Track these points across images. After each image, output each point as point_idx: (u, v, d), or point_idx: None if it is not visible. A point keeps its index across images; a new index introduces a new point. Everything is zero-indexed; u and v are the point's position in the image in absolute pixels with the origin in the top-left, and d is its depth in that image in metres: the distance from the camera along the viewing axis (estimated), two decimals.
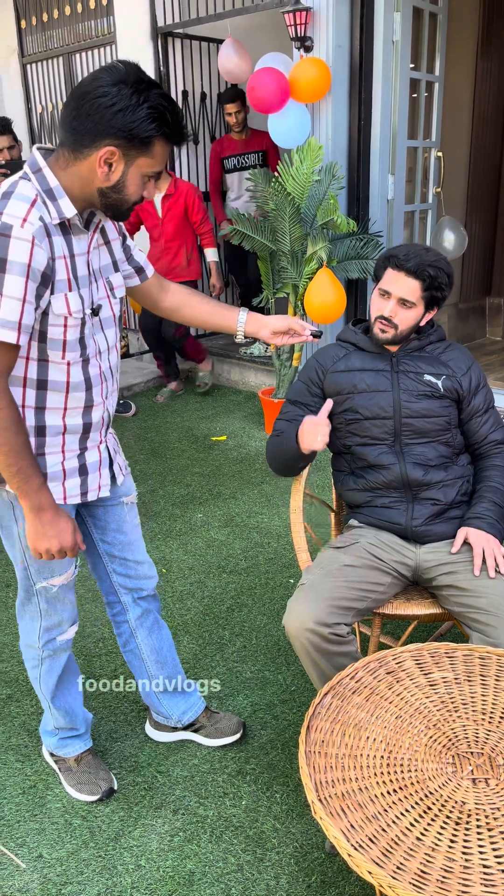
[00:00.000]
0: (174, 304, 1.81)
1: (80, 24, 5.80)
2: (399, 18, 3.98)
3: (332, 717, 1.43)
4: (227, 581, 2.88)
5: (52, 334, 1.48)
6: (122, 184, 1.43)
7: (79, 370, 1.55)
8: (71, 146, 1.40)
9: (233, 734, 2.05)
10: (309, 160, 3.75)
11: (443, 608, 1.86)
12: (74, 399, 1.57)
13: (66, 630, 1.81)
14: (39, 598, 1.74)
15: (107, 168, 1.40)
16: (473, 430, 1.99)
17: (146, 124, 1.36)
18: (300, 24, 3.89)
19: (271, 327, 1.76)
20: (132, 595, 1.90)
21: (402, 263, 1.86)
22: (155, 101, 1.36)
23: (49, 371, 1.51)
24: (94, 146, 1.38)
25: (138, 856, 1.75)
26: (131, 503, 1.85)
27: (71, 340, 1.51)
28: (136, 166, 1.41)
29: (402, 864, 1.14)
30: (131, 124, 1.35)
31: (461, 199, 5.63)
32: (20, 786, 1.96)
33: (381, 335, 1.93)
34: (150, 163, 1.42)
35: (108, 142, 1.37)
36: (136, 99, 1.34)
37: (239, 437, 4.37)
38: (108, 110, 1.33)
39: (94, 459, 1.68)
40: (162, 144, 1.41)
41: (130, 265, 1.70)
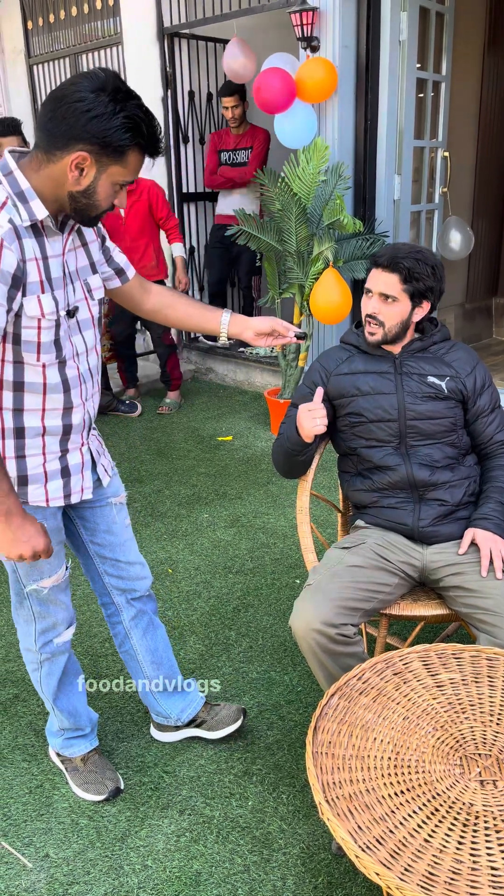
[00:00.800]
0: (157, 306, 1.80)
1: (86, 24, 5.81)
2: (405, 18, 3.97)
3: (339, 718, 1.42)
4: (233, 581, 2.88)
5: (26, 336, 1.47)
6: (92, 189, 1.42)
7: (55, 372, 1.55)
8: (45, 148, 1.40)
9: (233, 722, 2.04)
10: (315, 160, 3.75)
11: (450, 609, 1.85)
12: (52, 401, 1.57)
13: (62, 632, 1.80)
14: (31, 601, 1.74)
15: (77, 172, 1.39)
16: (479, 430, 1.98)
17: (120, 133, 1.36)
18: (306, 24, 3.89)
19: (254, 328, 1.75)
20: (125, 596, 1.90)
21: (377, 260, 1.90)
22: (131, 112, 1.36)
23: (25, 373, 1.51)
24: (66, 150, 1.37)
25: (145, 856, 1.75)
26: (120, 504, 1.84)
27: (45, 342, 1.50)
28: (107, 174, 1.41)
29: (409, 865, 1.14)
30: (105, 132, 1.35)
31: (468, 199, 5.62)
32: (27, 785, 1.96)
33: (370, 337, 1.95)
34: (122, 172, 1.42)
35: (80, 146, 1.37)
36: (113, 107, 1.34)
37: (245, 437, 4.37)
38: (83, 115, 1.34)
39: (76, 461, 1.67)
40: (136, 155, 1.41)
41: (110, 267, 1.70)
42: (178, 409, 4.89)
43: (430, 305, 1.95)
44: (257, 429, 4.48)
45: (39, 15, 6.20)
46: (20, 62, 6.45)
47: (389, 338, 1.93)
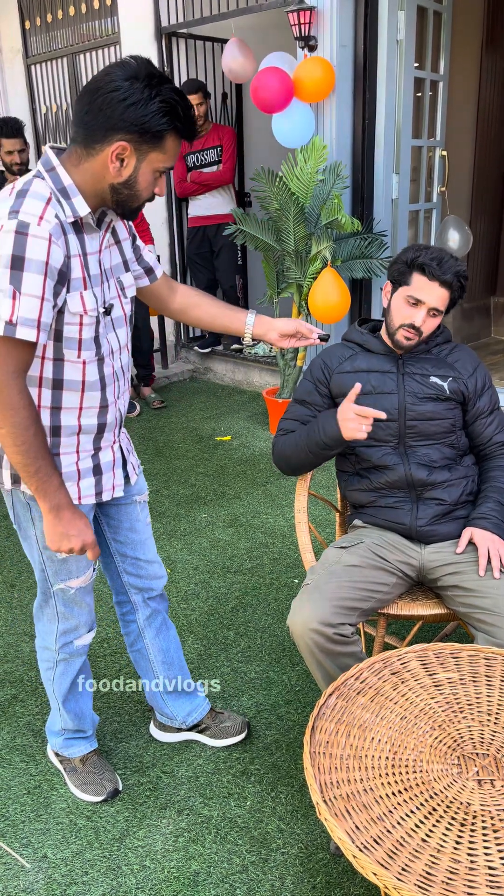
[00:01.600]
0: (183, 305, 1.81)
1: (84, 24, 5.80)
2: (403, 17, 3.97)
3: (336, 718, 1.42)
4: (231, 581, 2.88)
5: (68, 333, 1.48)
6: (133, 179, 1.43)
7: (94, 369, 1.55)
8: (83, 142, 1.40)
9: (237, 734, 2.05)
10: (313, 160, 3.75)
11: (448, 608, 1.85)
12: (90, 399, 1.57)
13: (83, 635, 1.81)
14: (57, 601, 1.74)
15: (118, 163, 1.40)
16: (478, 431, 1.98)
17: (158, 118, 1.36)
18: (304, 23, 3.89)
19: (279, 329, 1.76)
20: (142, 595, 1.90)
21: (439, 274, 1.81)
22: (167, 95, 1.36)
23: (65, 370, 1.51)
24: (105, 141, 1.38)
25: (143, 856, 1.75)
26: (143, 502, 1.85)
27: (86, 339, 1.51)
28: (147, 161, 1.42)
29: (407, 865, 1.14)
30: (143, 118, 1.35)
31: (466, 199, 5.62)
32: (25, 786, 1.96)
33: (405, 342, 1.90)
34: (162, 158, 1.42)
35: (119, 136, 1.37)
36: (149, 93, 1.34)
37: (243, 437, 4.36)
38: (120, 104, 1.34)
39: (108, 459, 1.68)
40: (173, 139, 1.41)
41: (140, 265, 1.70)
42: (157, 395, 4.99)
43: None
44: (256, 428, 4.48)
45: (37, 14, 6.19)
46: (18, 62, 6.44)
47: (420, 343, 1.94)
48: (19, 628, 2.63)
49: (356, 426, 1.77)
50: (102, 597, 2.79)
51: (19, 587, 2.89)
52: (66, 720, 1.90)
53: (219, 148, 4.95)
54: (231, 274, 5.28)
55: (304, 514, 2.07)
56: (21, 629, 2.62)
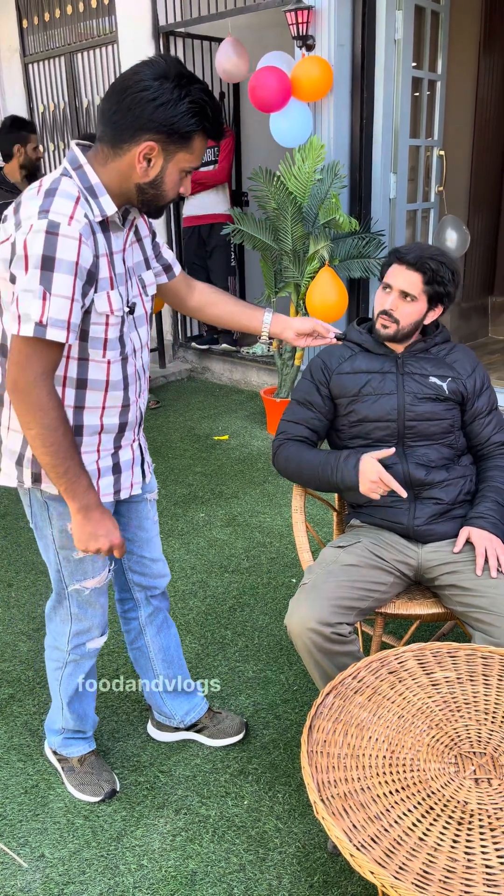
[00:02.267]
0: (201, 303, 1.80)
1: (81, 23, 5.79)
2: (401, 17, 3.97)
3: (334, 717, 1.42)
4: (229, 580, 2.88)
5: (94, 332, 1.47)
6: (160, 179, 1.42)
7: (118, 368, 1.55)
8: (110, 141, 1.39)
9: (235, 734, 2.05)
10: (311, 159, 3.75)
11: (445, 608, 1.86)
12: (112, 398, 1.57)
13: (96, 638, 1.81)
14: (71, 602, 1.74)
15: (146, 163, 1.39)
16: (476, 431, 1.98)
17: (187, 119, 1.35)
18: (302, 22, 3.89)
19: (295, 329, 1.76)
20: (145, 593, 1.90)
21: (403, 256, 1.87)
22: (196, 96, 1.35)
23: (89, 370, 1.51)
24: (133, 141, 1.37)
25: (140, 855, 1.75)
26: (153, 500, 1.85)
27: (112, 339, 1.50)
28: (174, 161, 1.41)
29: (404, 864, 1.14)
30: (173, 118, 1.34)
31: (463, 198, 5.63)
32: (22, 785, 1.96)
33: (382, 331, 1.93)
34: (189, 158, 1.42)
35: (148, 136, 1.36)
36: (178, 93, 1.34)
37: (241, 436, 4.36)
38: (149, 104, 1.33)
39: (127, 458, 1.67)
40: (201, 139, 1.41)
41: (159, 263, 1.70)
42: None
43: (442, 310, 1.95)
44: (253, 428, 4.48)
45: (34, 13, 6.19)
46: (15, 61, 6.43)
47: (400, 336, 1.93)
48: (17, 628, 2.63)
49: (375, 488, 1.80)
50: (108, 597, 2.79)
51: (17, 587, 2.88)
52: (68, 720, 1.90)
53: (215, 148, 4.95)
54: (224, 275, 5.27)
55: (301, 513, 2.07)
56: (18, 629, 2.62)
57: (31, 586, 2.88)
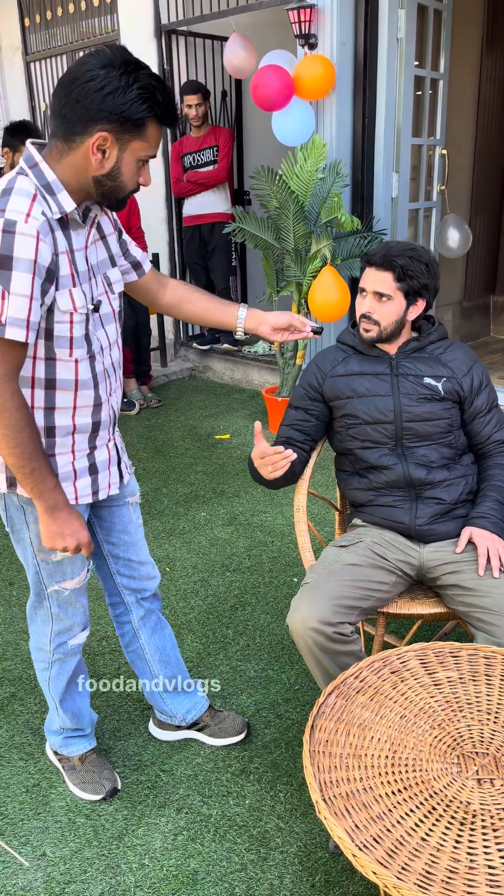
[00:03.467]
0: (174, 300, 1.79)
1: (83, 21, 5.79)
2: (403, 16, 3.96)
3: (336, 717, 1.42)
4: (230, 580, 2.88)
5: (59, 331, 1.47)
6: (116, 170, 1.41)
7: (86, 367, 1.54)
8: (63, 136, 1.38)
9: (237, 734, 2.04)
10: (313, 158, 3.74)
11: (447, 607, 1.85)
12: (83, 397, 1.56)
13: (78, 634, 1.80)
14: (51, 602, 1.73)
15: (100, 155, 1.38)
16: (476, 430, 1.98)
17: (137, 105, 1.34)
18: (304, 21, 3.88)
19: (271, 323, 1.75)
20: (135, 596, 1.90)
21: (370, 258, 1.90)
22: (145, 82, 1.34)
23: (57, 369, 1.50)
24: (86, 133, 1.36)
25: (142, 854, 1.75)
26: (135, 503, 1.84)
27: (77, 337, 1.50)
28: (130, 151, 1.40)
29: (406, 864, 1.14)
30: (122, 106, 1.33)
31: (466, 197, 5.62)
32: (24, 784, 1.96)
33: (365, 335, 1.94)
34: (143, 146, 1.40)
35: (100, 127, 1.35)
36: (126, 80, 1.32)
37: (242, 435, 4.36)
38: (97, 94, 1.32)
39: (103, 458, 1.67)
40: (155, 126, 1.39)
41: (127, 260, 1.68)
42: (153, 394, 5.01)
43: (426, 303, 1.94)
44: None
45: (36, 12, 6.18)
46: (17, 59, 6.43)
47: (385, 336, 1.93)
48: (18, 626, 2.63)
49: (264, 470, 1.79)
50: (101, 595, 2.78)
51: (18, 585, 2.88)
52: (64, 719, 1.89)
53: (215, 148, 4.95)
54: (225, 275, 5.26)
55: (303, 512, 2.07)
56: (20, 627, 2.62)
57: None
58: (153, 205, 5.44)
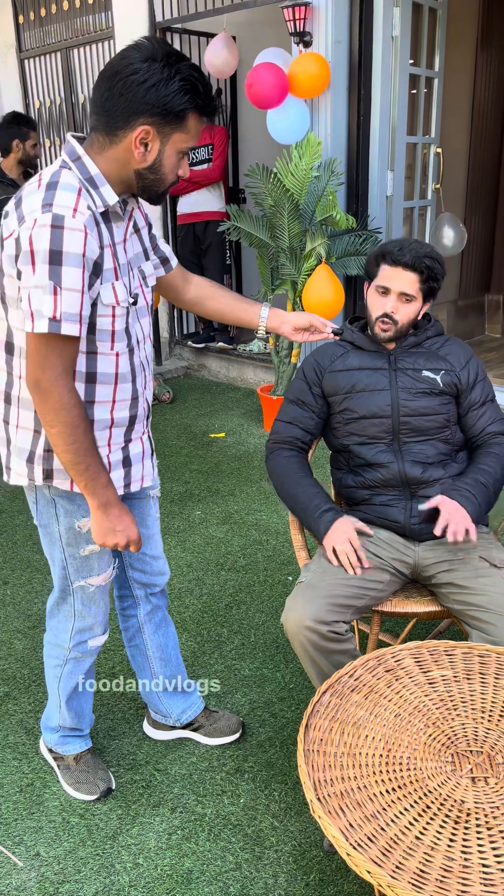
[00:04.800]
0: (197, 297, 1.79)
1: (78, 19, 5.77)
2: (398, 14, 3.96)
3: (330, 716, 1.42)
4: (225, 578, 2.87)
5: (101, 325, 1.46)
6: (158, 163, 1.41)
7: (126, 360, 1.55)
8: (105, 129, 1.38)
9: (232, 734, 2.04)
10: (308, 156, 3.74)
11: (442, 606, 1.85)
12: (122, 391, 1.56)
13: (98, 636, 1.80)
14: (75, 598, 1.73)
15: (143, 148, 1.38)
16: (471, 423, 1.98)
17: (179, 97, 1.34)
18: (299, 19, 3.88)
19: (293, 323, 1.76)
20: (145, 590, 1.90)
21: (399, 258, 1.86)
22: (186, 73, 1.34)
23: (98, 363, 1.50)
24: (128, 126, 1.36)
25: (136, 854, 1.74)
26: (156, 497, 1.85)
27: (118, 330, 1.50)
28: (171, 143, 1.40)
29: (401, 863, 1.14)
30: (165, 98, 1.33)
31: (460, 196, 5.62)
32: (17, 784, 1.95)
33: (382, 334, 1.92)
34: (184, 138, 1.41)
35: (142, 120, 1.35)
36: (168, 72, 1.32)
37: (238, 434, 4.36)
38: (140, 87, 1.32)
39: (137, 451, 1.67)
40: (195, 117, 1.40)
41: (157, 255, 1.69)
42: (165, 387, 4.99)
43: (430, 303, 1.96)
44: (250, 425, 4.47)
45: (31, 9, 6.16)
46: (11, 56, 6.41)
47: (398, 335, 1.93)
48: (12, 625, 2.62)
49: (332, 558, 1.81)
50: None
51: (12, 584, 2.87)
52: (66, 718, 1.89)
53: (210, 146, 4.94)
54: (219, 273, 5.25)
55: None
56: (14, 626, 2.61)
57: (26, 584, 2.87)
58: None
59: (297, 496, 1.93)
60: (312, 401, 2.01)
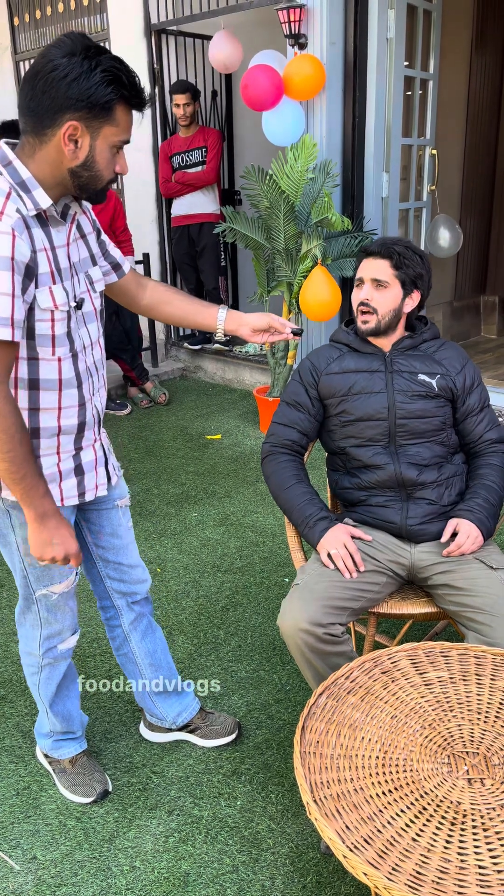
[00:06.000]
0: (153, 302, 1.77)
1: (73, 21, 5.77)
2: (393, 16, 3.97)
3: (327, 718, 1.42)
4: (221, 580, 2.87)
5: (40, 329, 1.45)
6: (91, 159, 1.39)
7: (70, 366, 1.53)
8: (33, 131, 1.37)
9: (228, 735, 2.04)
10: (303, 158, 3.74)
11: (438, 607, 1.85)
12: (68, 397, 1.55)
13: (67, 639, 1.79)
14: (39, 606, 1.72)
15: (73, 145, 1.36)
16: (468, 429, 1.98)
17: (102, 88, 1.32)
18: (294, 20, 3.88)
19: (251, 325, 1.73)
20: (126, 599, 1.89)
21: (368, 249, 1.95)
22: (107, 65, 1.33)
23: (40, 369, 1.49)
24: (55, 124, 1.34)
25: (133, 857, 1.74)
26: (125, 506, 1.83)
27: (59, 335, 1.48)
28: (102, 137, 1.38)
29: (397, 865, 1.14)
30: (88, 91, 1.31)
31: (456, 197, 5.63)
32: (14, 787, 1.95)
33: (363, 326, 1.95)
34: (115, 131, 1.39)
35: (68, 116, 1.33)
36: (88, 65, 1.31)
37: (234, 435, 4.36)
38: (62, 82, 1.31)
39: (89, 458, 1.65)
40: (123, 109, 1.38)
41: (107, 261, 1.67)
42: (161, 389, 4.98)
43: (421, 297, 1.95)
44: (246, 427, 4.47)
45: (26, 11, 6.16)
46: (6, 58, 6.40)
47: (383, 326, 1.93)
48: (8, 628, 2.61)
49: (327, 561, 1.82)
50: (91, 597, 2.77)
51: (8, 587, 2.87)
52: (55, 723, 1.88)
53: (203, 149, 4.94)
54: (214, 275, 5.24)
55: None
56: (10, 629, 2.61)
57: None
58: (143, 205, 5.43)
59: (291, 503, 1.94)
60: (309, 403, 2.01)
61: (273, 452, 2.02)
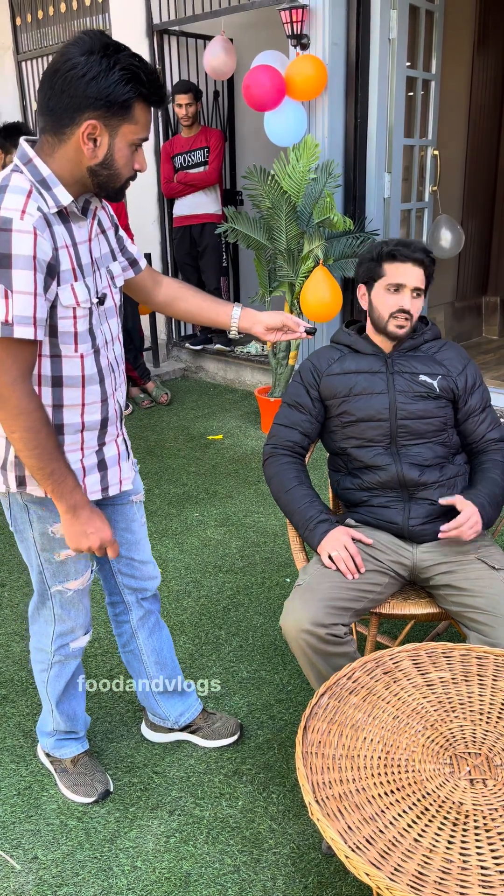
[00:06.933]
0: (168, 298, 1.78)
1: (75, 21, 5.77)
2: (395, 16, 3.97)
3: (329, 718, 1.42)
4: (223, 580, 2.87)
5: (63, 327, 1.46)
6: (110, 158, 1.39)
7: (92, 362, 1.54)
8: (52, 129, 1.37)
9: (230, 736, 2.04)
10: (305, 158, 3.74)
11: (440, 607, 1.85)
12: (91, 393, 1.55)
13: (79, 637, 1.80)
14: (54, 602, 1.72)
15: (92, 144, 1.37)
16: (470, 429, 1.98)
17: (121, 87, 1.32)
18: (296, 21, 3.88)
19: (265, 323, 1.74)
20: (136, 595, 1.89)
21: (410, 254, 1.88)
22: (126, 63, 1.33)
23: (63, 366, 1.50)
24: (74, 123, 1.35)
25: (134, 857, 1.74)
26: (139, 502, 1.84)
27: (81, 332, 1.49)
28: (120, 136, 1.38)
29: (399, 865, 1.13)
30: (106, 90, 1.32)
31: (457, 198, 5.63)
32: (15, 787, 1.95)
33: (399, 331, 1.92)
34: (134, 129, 1.39)
35: (87, 115, 1.34)
36: (107, 63, 1.31)
37: (235, 435, 4.36)
38: (80, 80, 1.31)
39: (112, 454, 1.66)
40: (142, 107, 1.38)
41: (124, 256, 1.68)
42: (163, 389, 4.98)
43: None
44: (248, 427, 4.47)
45: (28, 11, 6.16)
46: (8, 58, 6.41)
47: (409, 332, 1.95)
48: (9, 628, 2.61)
49: (329, 563, 1.82)
50: (94, 597, 2.77)
51: (9, 587, 2.87)
52: (59, 721, 1.88)
53: (206, 149, 4.95)
54: (216, 275, 5.24)
55: None
56: (11, 629, 2.61)
57: (24, 586, 2.86)
58: (146, 204, 5.43)
59: (293, 505, 1.93)
60: (310, 404, 2.01)
61: (274, 454, 2.02)
